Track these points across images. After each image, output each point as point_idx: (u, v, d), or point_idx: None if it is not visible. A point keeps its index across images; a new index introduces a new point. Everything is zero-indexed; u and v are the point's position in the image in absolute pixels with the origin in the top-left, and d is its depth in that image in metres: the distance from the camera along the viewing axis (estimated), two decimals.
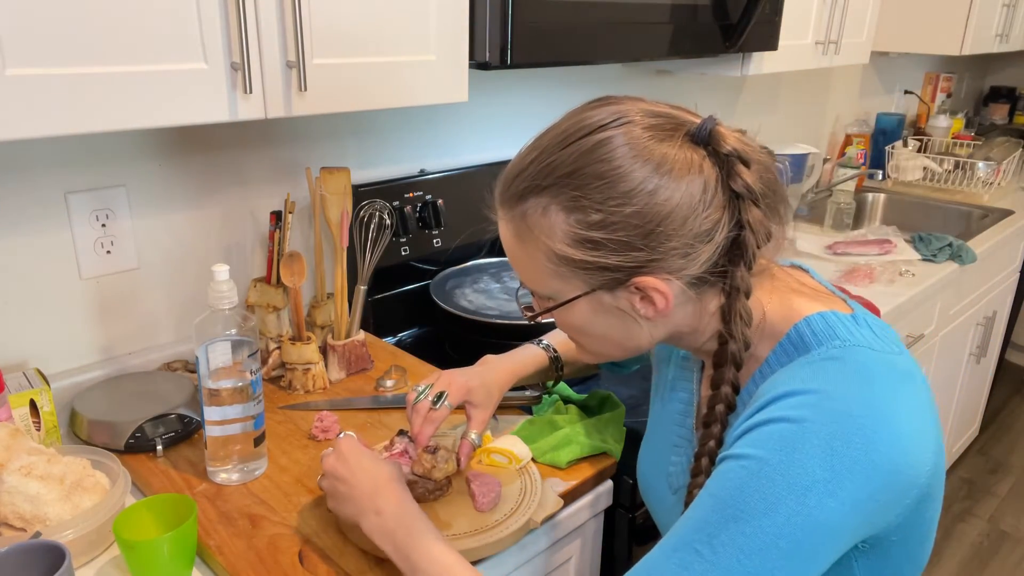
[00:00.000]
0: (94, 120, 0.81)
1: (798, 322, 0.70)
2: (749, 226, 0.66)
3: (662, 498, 0.86)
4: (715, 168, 0.66)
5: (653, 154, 0.65)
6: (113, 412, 1.06)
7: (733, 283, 0.68)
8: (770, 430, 0.62)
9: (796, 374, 0.66)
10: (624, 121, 0.66)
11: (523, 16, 1.11)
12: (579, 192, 0.65)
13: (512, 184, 0.71)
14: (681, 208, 0.64)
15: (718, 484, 0.64)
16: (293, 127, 1.33)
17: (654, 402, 0.93)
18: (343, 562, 0.85)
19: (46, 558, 0.73)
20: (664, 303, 0.68)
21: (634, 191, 0.64)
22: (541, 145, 0.70)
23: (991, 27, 2.56)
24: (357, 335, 1.27)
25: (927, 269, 1.93)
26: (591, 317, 0.72)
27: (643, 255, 0.66)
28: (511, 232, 0.72)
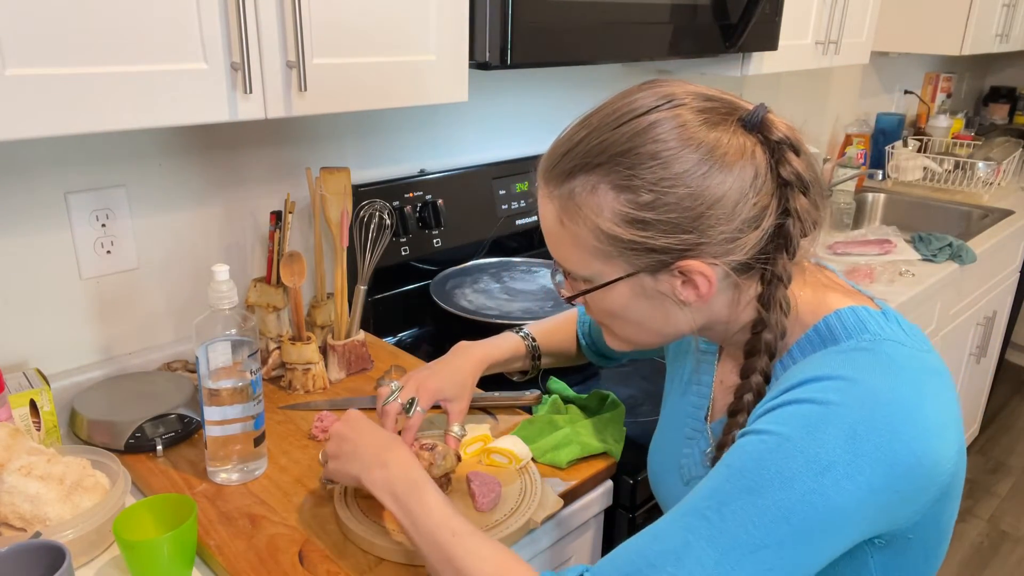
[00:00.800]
0: (94, 120, 0.81)
1: (828, 315, 0.70)
2: (796, 214, 0.66)
3: (673, 490, 0.86)
4: (766, 155, 0.66)
5: (707, 137, 0.65)
6: (113, 412, 1.06)
7: (775, 271, 0.68)
8: (794, 409, 0.62)
9: (825, 361, 0.66)
10: (678, 103, 0.67)
11: (523, 16, 1.11)
12: (631, 171, 0.65)
13: (560, 162, 0.70)
14: (732, 193, 0.65)
15: (735, 456, 0.64)
16: (293, 127, 1.33)
17: (669, 394, 0.93)
18: (343, 562, 0.85)
19: (46, 558, 0.73)
20: (707, 287, 0.67)
21: (687, 173, 0.64)
22: (591, 124, 0.69)
23: (991, 27, 2.56)
24: (357, 335, 1.27)
25: (927, 269, 1.93)
26: (629, 301, 0.71)
27: (691, 238, 0.65)
28: (555, 210, 0.71)
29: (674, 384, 0.92)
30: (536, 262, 1.62)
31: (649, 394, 1.26)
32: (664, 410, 0.93)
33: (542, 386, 1.22)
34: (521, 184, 1.66)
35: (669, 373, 0.94)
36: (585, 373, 1.32)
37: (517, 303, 1.44)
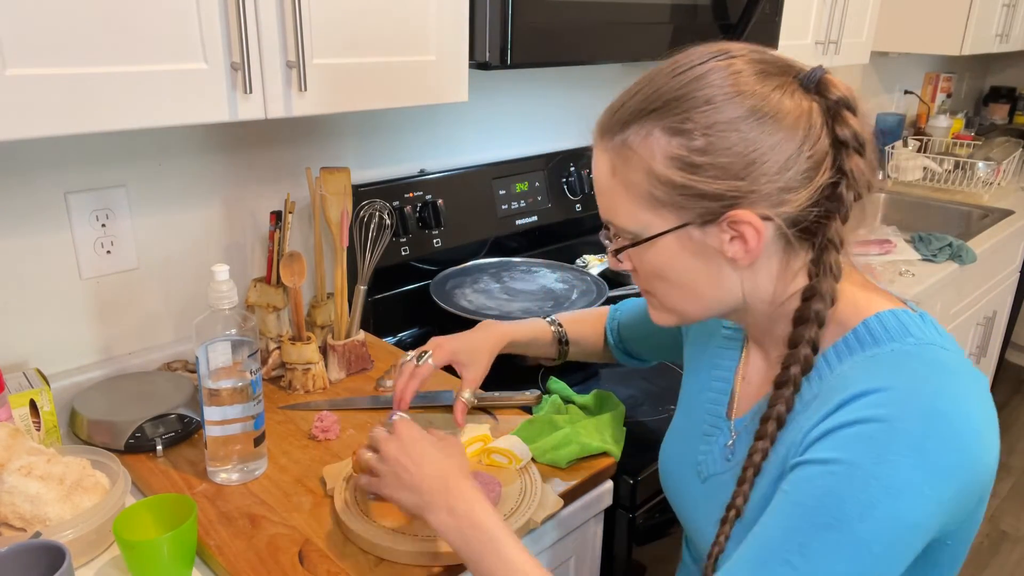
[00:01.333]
0: (94, 120, 0.81)
1: (869, 317, 0.68)
2: (851, 175, 0.65)
3: (689, 486, 0.84)
4: (822, 113, 0.65)
5: (762, 88, 0.65)
6: (113, 412, 1.06)
7: (827, 235, 0.66)
8: (856, 432, 0.61)
9: (873, 370, 0.64)
10: (735, 55, 0.67)
11: (523, 16, 1.11)
12: (685, 115, 0.65)
13: (616, 114, 0.70)
14: (785, 144, 0.64)
15: (803, 491, 0.62)
16: (293, 127, 1.33)
17: (687, 389, 0.91)
18: (343, 562, 0.85)
19: (46, 558, 0.73)
20: (756, 241, 0.66)
21: (740, 119, 0.64)
22: (647, 78, 0.69)
23: (991, 27, 2.56)
24: (357, 335, 1.27)
25: (927, 269, 1.93)
26: (675, 256, 0.70)
27: (743, 185, 0.64)
28: (607, 162, 0.70)
29: (692, 379, 0.90)
30: (536, 262, 1.63)
31: (649, 394, 1.26)
32: (681, 405, 0.92)
33: (542, 386, 1.22)
34: (521, 184, 1.66)
35: (687, 368, 0.92)
36: (585, 373, 1.32)
37: (517, 303, 1.44)
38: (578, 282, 1.54)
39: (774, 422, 0.70)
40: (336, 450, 1.06)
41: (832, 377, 0.68)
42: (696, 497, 0.83)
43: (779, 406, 0.69)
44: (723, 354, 0.85)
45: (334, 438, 1.09)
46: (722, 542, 0.73)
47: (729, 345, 0.85)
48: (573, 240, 1.84)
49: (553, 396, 1.17)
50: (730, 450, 0.79)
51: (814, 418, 0.65)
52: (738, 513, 0.72)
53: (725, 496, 0.75)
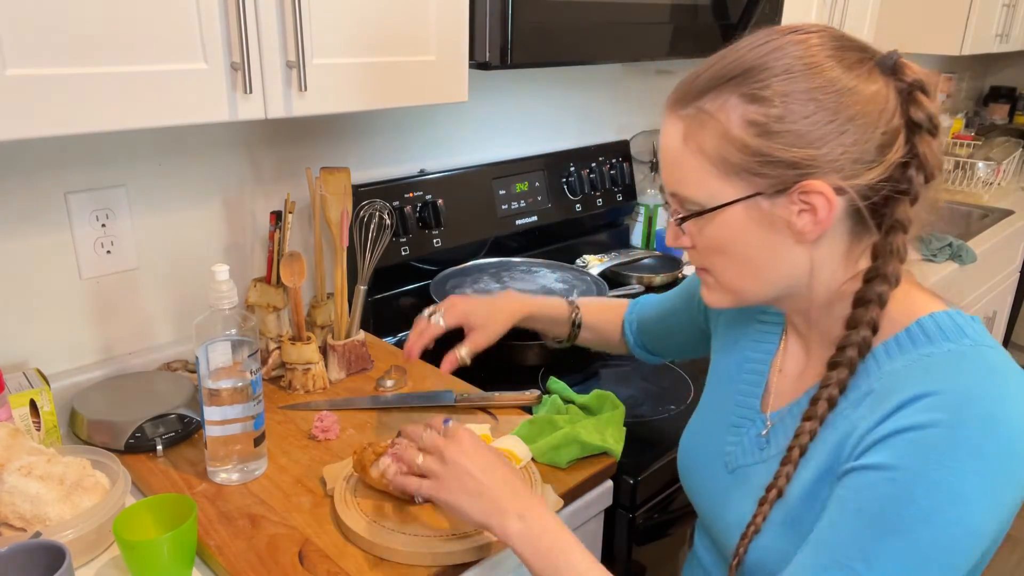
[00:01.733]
0: (94, 120, 0.81)
1: (923, 317, 0.68)
2: (923, 157, 0.65)
3: (715, 477, 0.83)
4: (897, 95, 0.66)
5: (841, 61, 0.65)
6: (113, 412, 1.06)
7: (895, 216, 0.66)
8: (916, 437, 0.60)
9: (928, 372, 0.64)
10: (813, 31, 0.68)
11: (523, 16, 1.11)
12: (763, 83, 0.65)
13: (693, 83, 0.69)
14: (861, 117, 0.64)
15: (865, 498, 0.62)
16: (293, 127, 1.33)
17: (716, 375, 0.90)
18: (343, 562, 0.85)
19: (46, 558, 0.73)
20: (827, 212, 0.65)
21: (819, 89, 0.64)
22: (725, 52, 0.69)
23: (991, 27, 2.56)
24: (357, 335, 1.27)
25: (927, 269, 1.93)
26: (742, 229, 0.69)
27: (819, 154, 0.64)
28: (679, 131, 0.70)
29: (721, 369, 0.89)
30: (536, 262, 1.63)
31: (649, 394, 1.26)
32: (707, 396, 0.91)
33: (542, 386, 1.22)
34: (521, 184, 1.66)
35: (716, 359, 0.91)
36: (585, 373, 1.33)
37: None
38: (578, 282, 1.54)
39: (825, 403, 0.69)
40: (336, 450, 1.06)
41: (884, 375, 0.67)
42: (723, 487, 0.82)
43: (831, 387, 0.69)
44: (758, 345, 0.85)
45: (334, 438, 1.09)
46: (759, 523, 0.72)
47: (765, 337, 0.84)
48: (573, 240, 1.84)
49: (553, 396, 1.17)
50: (764, 439, 0.79)
51: (870, 419, 0.65)
52: (779, 493, 0.71)
53: (756, 485, 0.76)
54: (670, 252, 1.92)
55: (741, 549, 0.74)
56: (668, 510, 1.14)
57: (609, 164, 1.85)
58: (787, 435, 0.75)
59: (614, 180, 1.86)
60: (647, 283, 1.75)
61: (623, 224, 2.00)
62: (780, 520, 0.72)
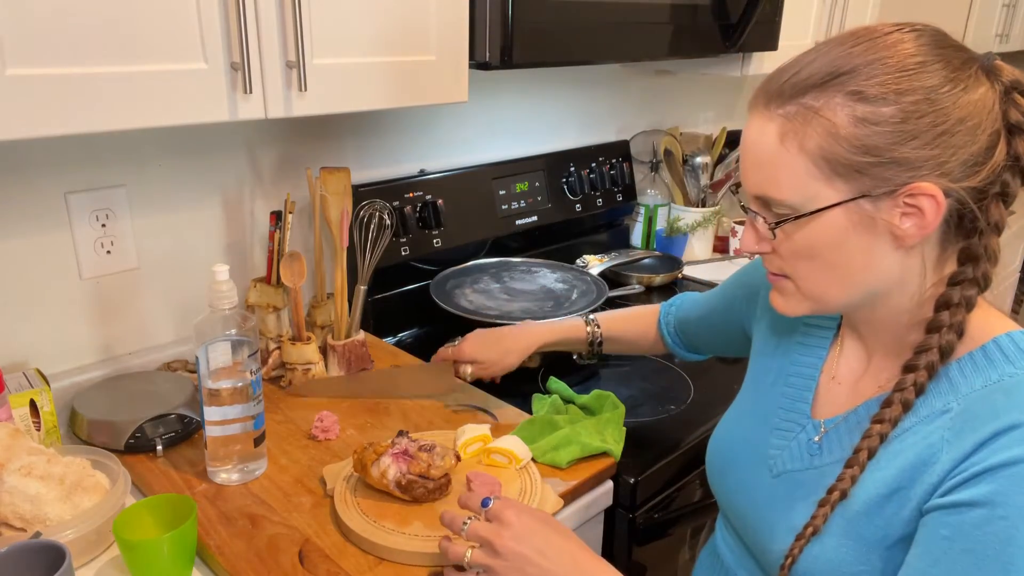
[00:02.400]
0: (94, 120, 0.81)
1: (1000, 336, 0.67)
2: (1022, 158, 0.64)
3: (757, 480, 0.81)
4: (997, 97, 0.65)
5: (951, 61, 0.64)
6: (113, 412, 1.06)
7: (990, 218, 0.65)
8: (1019, 472, 0.59)
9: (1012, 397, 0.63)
10: (919, 29, 0.66)
11: (523, 16, 1.11)
12: (875, 79, 0.63)
13: (791, 79, 0.66)
14: (974, 117, 0.63)
15: (973, 538, 0.60)
16: (293, 127, 1.33)
17: (756, 373, 0.88)
18: (343, 562, 0.85)
19: (46, 558, 0.73)
20: (934, 215, 0.63)
21: (935, 88, 0.62)
22: (821, 49, 0.66)
23: (991, 27, 2.56)
24: (357, 335, 1.27)
25: None
26: (839, 233, 0.66)
27: (935, 154, 0.62)
28: (775, 129, 0.66)
29: (763, 368, 0.87)
30: (536, 262, 1.63)
31: (649, 394, 1.26)
32: (746, 394, 0.89)
33: (542, 386, 1.22)
34: (521, 184, 1.66)
35: (757, 355, 0.89)
36: (585, 373, 1.33)
37: (517, 303, 1.44)
38: (578, 282, 1.54)
39: (899, 406, 0.68)
40: (336, 450, 1.06)
41: (963, 396, 0.66)
42: (766, 491, 0.80)
43: (907, 391, 0.67)
44: (808, 349, 0.83)
45: (334, 438, 1.09)
46: (818, 524, 0.71)
47: (815, 341, 0.83)
48: (573, 240, 1.85)
49: (553, 396, 1.17)
50: (816, 446, 0.77)
51: (957, 446, 0.63)
52: (843, 495, 0.70)
53: (806, 490, 0.74)
54: (670, 252, 1.92)
55: (796, 550, 0.72)
56: (668, 510, 1.14)
57: (609, 164, 1.85)
58: (842, 443, 0.74)
59: (614, 180, 1.87)
60: (647, 283, 1.75)
61: (623, 224, 2.01)
62: (841, 525, 0.70)
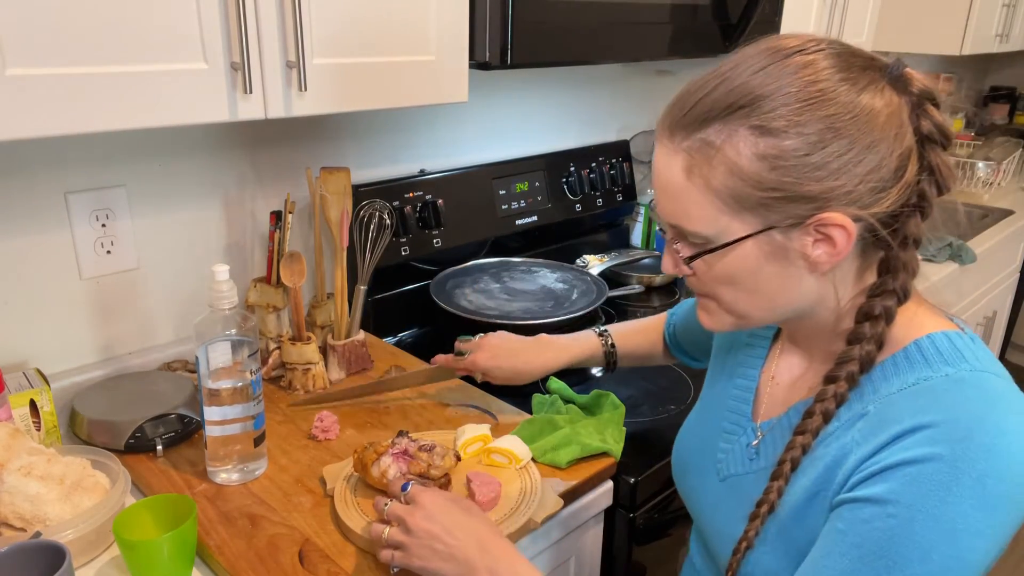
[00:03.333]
0: (94, 120, 0.81)
1: (920, 338, 0.66)
2: (937, 170, 0.63)
3: (707, 484, 0.83)
4: (907, 108, 0.63)
5: (855, 83, 0.62)
6: (113, 412, 1.06)
7: (907, 232, 0.64)
8: (914, 472, 0.59)
9: (926, 400, 0.63)
10: (821, 48, 0.64)
11: (523, 16, 1.11)
12: (774, 113, 0.61)
13: (692, 110, 0.64)
14: (881, 141, 0.62)
15: (862, 533, 0.61)
16: (293, 127, 1.33)
17: (711, 379, 0.90)
18: (343, 562, 0.85)
19: (46, 558, 0.73)
20: (845, 243, 0.63)
21: (835, 116, 0.61)
22: (724, 72, 0.65)
23: (991, 27, 2.56)
24: (357, 335, 1.27)
25: (927, 269, 1.91)
26: (753, 263, 0.66)
27: (838, 185, 0.61)
28: (682, 163, 0.65)
29: (716, 375, 0.88)
30: (536, 262, 1.63)
31: (649, 394, 1.26)
32: (701, 400, 0.90)
33: (542, 386, 1.22)
34: (521, 184, 1.66)
35: (712, 363, 0.91)
36: (585, 373, 1.32)
37: (517, 303, 1.44)
38: (578, 282, 1.54)
39: (820, 417, 0.68)
40: (336, 450, 1.06)
41: (880, 398, 0.66)
42: (714, 495, 0.81)
43: (827, 402, 0.67)
44: (750, 350, 0.84)
45: (334, 438, 1.09)
46: (751, 538, 0.71)
47: (756, 342, 0.83)
48: (573, 240, 1.84)
49: (553, 396, 1.17)
50: (754, 450, 0.77)
51: (865, 446, 0.64)
52: (771, 508, 0.70)
53: (746, 496, 0.74)
54: None
55: (734, 563, 0.73)
56: (668, 510, 1.14)
57: (609, 164, 1.85)
58: (776, 448, 0.74)
59: (614, 180, 1.86)
60: (647, 283, 1.75)
61: (623, 224, 2.00)
62: (772, 536, 0.71)
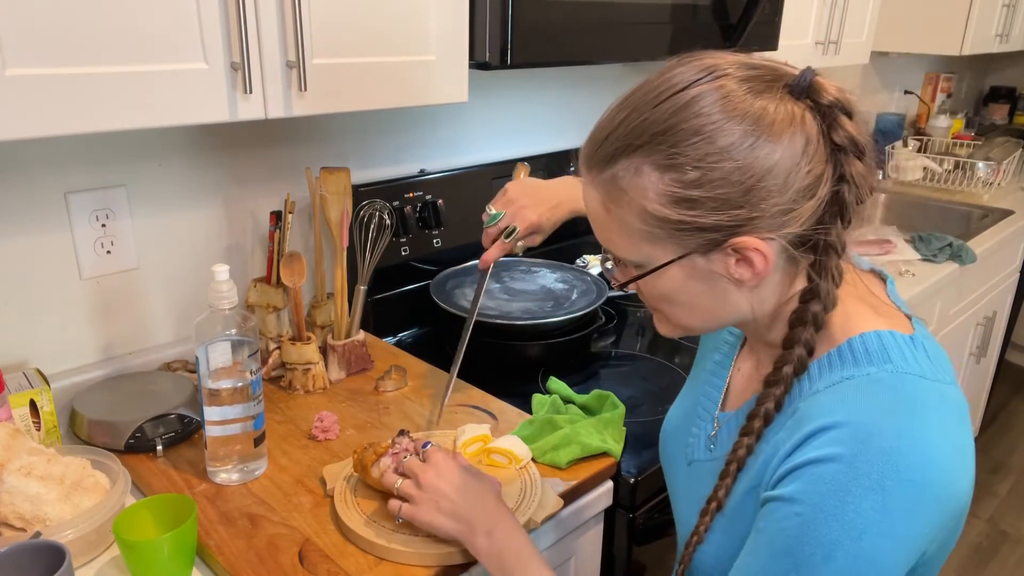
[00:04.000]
0: (94, 120, 0.81)
1: (853, 337, 0.67)
2: (852, 180, 0.63)
3: (677, 466, 0.86)
4: (816, 120, 0.63)
5: (752, 108, 0.62)
6: (113, 412, 1.06)
7: (828, 240, 0.64)
8: (819, 472, 0.61)
9: (840, 400, 0.64)
10: (719, 75, 0.64)
11: (523, 16, 1.11)
12: (675, 149, 0.62)
13: (601, 147, 0.67)
14: (783, 162, 0.61)
15: (773, 532, 0.63)
16: (293, 127, 1.33)
17: (696, 366, 0.92)
18: (343, 562, 0.85)
19: (46, 558, 0.73)
20: (763, 264, 0.64)
21: (733, 146, 0.61)
22: (630, 105, 0.66)
23: (991, 27, 2.56)
24: (357, 335, 1.27)
25: (927, 269, 1.93)
26: (682, 284, 0.68)
27: (743, 213, 0.62)
28: (599, 197, 0.68)
29: (701, 363, 0.90)
30: (536, 262, 1.62)
31: (649, 394, 1.26)
32: (684, 388, 0.93)
33: (542, 386, 1.22)
34: None
35: (699, 355, 0.93)
36: (585, 373, 1.33)
37: (517, 303, 1.44)
38: (578, 282, 1.54)
39: (761, 419, 0.69)
40: (336, 450, 1.06)
41: (808, 397, 0.67)
42: (681, 478, 0.84)
43: (767, 404, 0.69)
44: (728, 343, 0.86)
45: (334, 438, 1.09)
46: (702, 533, 0.74)
47: (732, 339, 0.86)
48: (573, 240, 1.84)
49: (553, 396, 1.17)
50: (712, 440, 0.80)
51: (787, 444, 0.65)
52: (719, 506, 0.72)
53: (704, 484, 0.77)
54: None
55: (686, 557, 0.75)
56: (668, 510, 1.13)
57: None
58: (731, 438, 0.76)
59: None
60: None
61: None
62: (720, 530, 0.73)
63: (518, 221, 1.04)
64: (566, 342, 1.36)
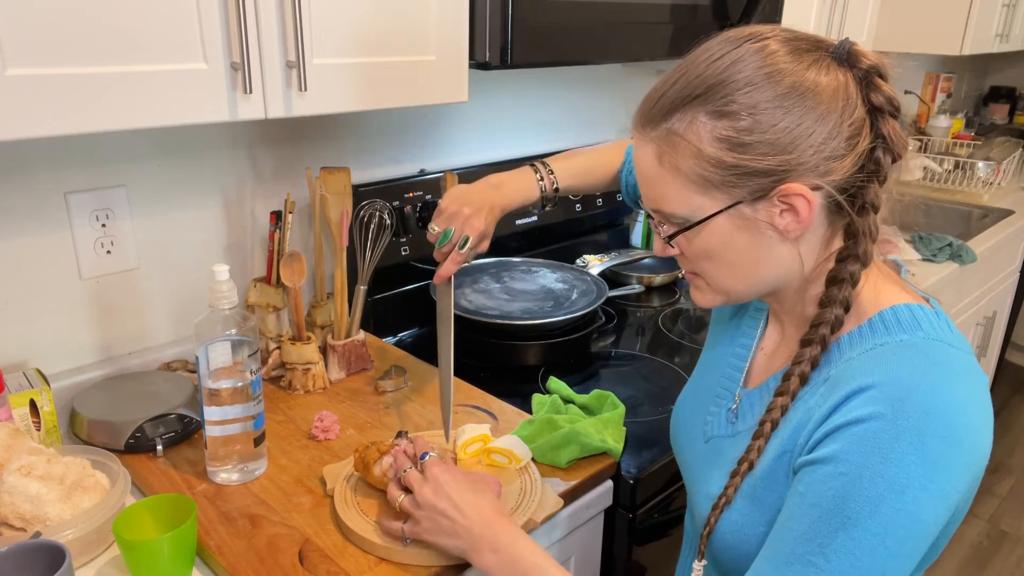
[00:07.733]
0: (94, 120, 0.81)
1: (884, 309, 0.71)
2: (889, 138, 0.68)
3: (694, 445, 0.87)
4: (856, 83, 0.69)
5: (799, 63, 0.67)
6: (113, 412, 1.06)
7: (866, 198, 0.69)
8: (861, 431, 0.63)
9: (875, 363, 0.67)
10: (766, 36, 0.69)
11: (523, 16, 1.11)
12: (728, 98, 0.67)
13: (657, 103, 0.71)
14: (827, 114, 0.66)
15: (818, 493, 0.65)
16: (293, 127, 1.33)
17: (711, 346, 0.93)
18: (343, 562, 0.85)
19: (46, 558, 0.73)
20: (807, 211, 0.68)
21: (784, 95, 0.66)
22: (684, 67, 0.71)
23: (991, 27, 2.56)
24: (357, 335, 1.27)
25: (927, 269, 1.93)
26: (728, 236, 0.71)
27: (791, 158, 0.66)
28: (652, 152, 0.72)
29: (717, 342, 0.91)
30: (536, 262, 1.63)
31: (649, 394, 1.26)
32: (700, 366, 0.94)
33: (542, 386, 1.22)
34: None
35: (713, 330, 0.94)
36: (585, 373, 1.33)
37: (517, 303, 1.44)
38: (578, 282, 1.54)
39: (797, 379, 0.72)
40: (336, 450, 1.06)
41: (842, 364, 0.70)
42: (699, 457, 0.85)
43: (803, 364, 0.72)
44: (752, 322, 0.87)
45: (334, 438, 1.09)
46: (730, 494, 0.75)
47: (755, 317, 0.87)
48: (573, 240, 1.84)
49: (553, 396, 1.17)
50: (733, 414, 0.82)
51: (822, 408, 0.67)
52: (751, 466, 0.74)
53: (725, 457, 0.79)
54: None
55: (712, 519, 0.77)
56: (668, 510, 1.14)
57: None
58: (754, 412, 0.79)
59: None
60: (647, 283, 1.75)
61: (623, 224, 2.00)
62: (747, 492, 0.74)
63: (468, 231, 1.04)
64: (566, 342, 1.36)
